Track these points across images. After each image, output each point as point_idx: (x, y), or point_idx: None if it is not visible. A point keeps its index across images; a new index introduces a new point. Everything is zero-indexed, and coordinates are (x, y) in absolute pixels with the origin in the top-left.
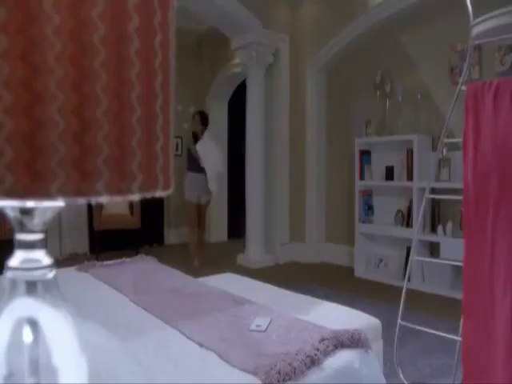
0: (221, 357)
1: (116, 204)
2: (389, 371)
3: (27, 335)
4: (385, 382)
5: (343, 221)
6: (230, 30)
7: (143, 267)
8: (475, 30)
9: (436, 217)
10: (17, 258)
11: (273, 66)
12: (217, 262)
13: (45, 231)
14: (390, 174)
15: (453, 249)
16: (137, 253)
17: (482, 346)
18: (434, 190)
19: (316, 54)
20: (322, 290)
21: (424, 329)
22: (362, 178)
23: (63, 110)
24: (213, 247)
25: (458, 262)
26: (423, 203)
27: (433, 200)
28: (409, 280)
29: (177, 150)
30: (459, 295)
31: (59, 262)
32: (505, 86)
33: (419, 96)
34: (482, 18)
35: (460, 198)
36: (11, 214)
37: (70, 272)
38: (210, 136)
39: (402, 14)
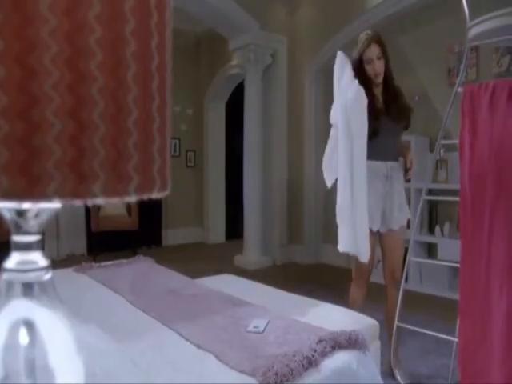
0: (218, 358)
1: (113, 205)
2: (385, 369)
3: (23, 337)
4: (382, 382)
5: None
6: (228, 31)
7: (141, 268)
8: (472, 32)
9: (433, 218)
10: (13, 260)
11: (271, 67)
12: (215, 262)
13: (41, 233)
14: None
15: (450, 250)
16: (134, 254)
17: (479, 347)
18: (431, 191)
19: (314, 56)
20: (319, 291)
21: (421, 330)
22: None
23: (59, 113)
24: (211, 248)
25: (456, 263)
26: (420, 204)
27: (430, 201)
28: (406, 281)
29: (174, 151)
30: (457, 296)
31: (56, 263)
32: (501, 88)
33: (417, 97)
34: (479, 19)
35: (457, 199)
36: (7, 215)
37: (68, 273)
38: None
39: (399, 15)
